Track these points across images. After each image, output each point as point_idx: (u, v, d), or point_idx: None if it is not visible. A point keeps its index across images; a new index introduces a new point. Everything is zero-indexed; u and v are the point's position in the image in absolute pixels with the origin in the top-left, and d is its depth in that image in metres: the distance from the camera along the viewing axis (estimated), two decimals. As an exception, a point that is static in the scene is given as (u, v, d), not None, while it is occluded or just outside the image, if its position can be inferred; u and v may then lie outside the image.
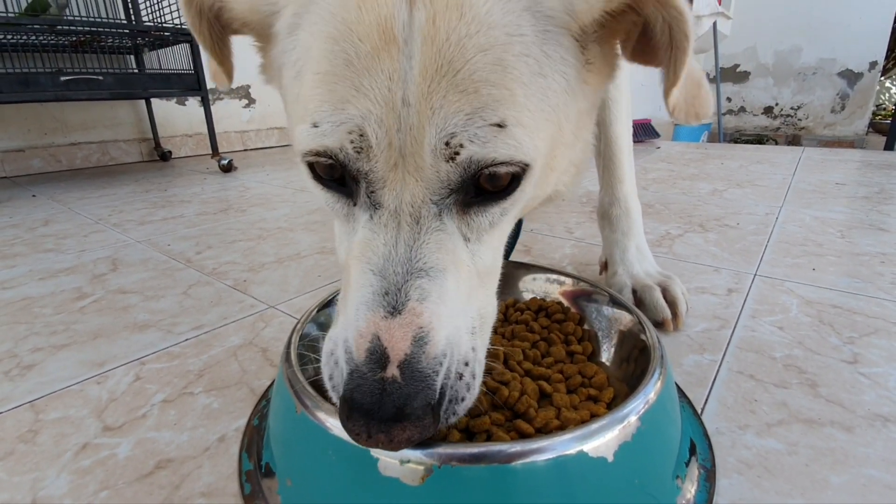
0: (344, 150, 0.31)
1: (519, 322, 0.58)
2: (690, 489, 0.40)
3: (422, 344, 0.30)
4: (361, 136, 0.31)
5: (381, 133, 0.31)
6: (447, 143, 0.30)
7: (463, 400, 0.32)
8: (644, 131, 2.82)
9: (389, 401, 0.28)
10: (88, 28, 1.70)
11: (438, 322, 0.31)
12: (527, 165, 0.33)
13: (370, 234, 0.34)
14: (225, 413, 0.53)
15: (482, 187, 0.33)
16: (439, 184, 0.32)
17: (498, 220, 0.35)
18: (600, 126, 0.73)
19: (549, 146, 0.36)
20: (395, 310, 0.31)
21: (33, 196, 1.73)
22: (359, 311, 0.31)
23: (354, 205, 0.35)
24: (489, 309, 0.38)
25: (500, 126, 0.30)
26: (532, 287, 0.65)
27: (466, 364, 0.32)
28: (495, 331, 0.58)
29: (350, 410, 0.29)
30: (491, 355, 0.51)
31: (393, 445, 0.28)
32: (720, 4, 4.19)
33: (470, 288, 0.34)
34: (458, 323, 0.32)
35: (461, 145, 0.30)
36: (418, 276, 0.31)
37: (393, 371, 0.29)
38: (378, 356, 0.30)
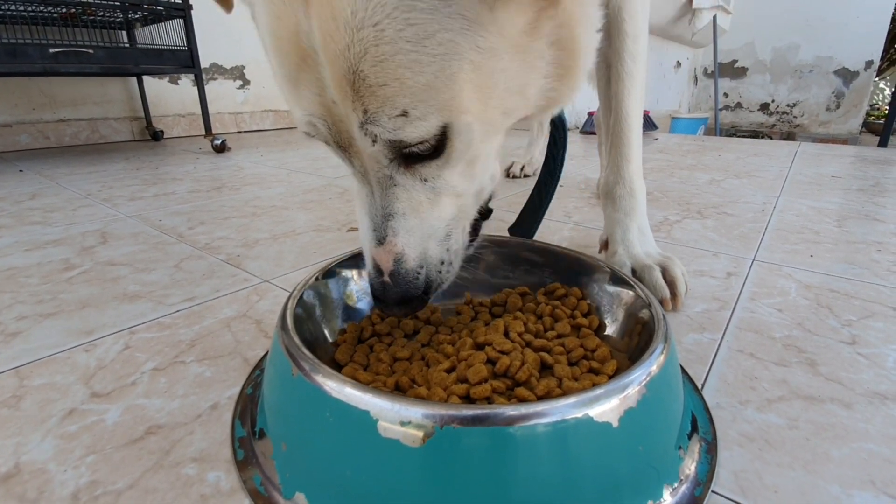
0: (310, 134, 0.40)
1: (523, 309, 0.57)
2: (692, 460, 0.39)
3: (400, 262, 0.42)
4: (314, 126, 0.38)
5: (324, 125, 0.38)
6: (366, 133, 0.36)
7: (443, 282, 0.45)
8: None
9: (388, 295, 0.43)
10: (79, 0, 1.65)
11: (409, 248, 0.42)
12: (444, 127, 0.37)
13: (358, 185, 0.43)
14: (218, 382, 0.51)
15: (416, 153, 0.39)
16: (378, 158, 0.39)
17: (446, 166, 0.40)
18: (612, 100, 0.71)
19: (473, 88, 0.37)
20: (380, 241, 0.42)
21: (20, 171, 1.68)
22: (363, 240, 0.44)
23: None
24: (464, 214, 0.46)
25: (404, 115, 0.35)
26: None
27: (442, 262, 0.44)
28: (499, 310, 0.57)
29: (373, 297, 0.45)
30: (492, 328, 0.50)
31: (396, 314, 0.44)
32: (720, -2, 4.18)
33: (437, 212, 0.43)
34: (427, 244, 0.43)
35: (376, 136, 0.36)
36: (390, 219, 0.41)
37: (385, 278, 0.42)
38: (377, 269, 0.43)
